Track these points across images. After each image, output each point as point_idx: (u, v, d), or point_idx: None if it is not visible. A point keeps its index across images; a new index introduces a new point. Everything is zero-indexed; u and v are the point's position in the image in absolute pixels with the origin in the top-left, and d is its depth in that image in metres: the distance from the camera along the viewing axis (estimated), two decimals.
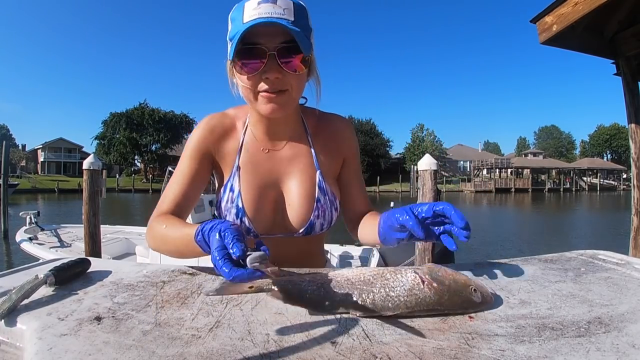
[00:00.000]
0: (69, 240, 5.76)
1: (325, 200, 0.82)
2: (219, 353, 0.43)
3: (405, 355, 0.42)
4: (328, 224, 0.84)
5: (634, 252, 2.93)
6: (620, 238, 9.35)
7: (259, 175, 0.81)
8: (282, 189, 0.83)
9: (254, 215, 0.80)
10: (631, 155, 2.96)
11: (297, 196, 0.81)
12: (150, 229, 0.75)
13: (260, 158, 0.82)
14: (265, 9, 0.66)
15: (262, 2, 0.67)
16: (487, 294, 0.56)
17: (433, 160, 3.86)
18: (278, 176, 0.82)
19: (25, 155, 51.40)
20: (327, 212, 0.83)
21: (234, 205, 0.80)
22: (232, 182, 0.81)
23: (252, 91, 0.72)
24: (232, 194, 0.80)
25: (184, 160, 0.81)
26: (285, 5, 0.68)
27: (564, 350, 0.43)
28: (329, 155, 0.86)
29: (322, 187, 0.82)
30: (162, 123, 42.18)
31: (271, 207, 0.82)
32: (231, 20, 0.71)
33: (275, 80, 0.69)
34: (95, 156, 4.61)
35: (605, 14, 2.66)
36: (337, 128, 0.88)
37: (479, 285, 0.57)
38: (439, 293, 0.54)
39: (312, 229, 0.82)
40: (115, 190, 35.89)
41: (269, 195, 0.82)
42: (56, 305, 0.55)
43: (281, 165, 0.82)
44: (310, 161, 0.83)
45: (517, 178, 47.56)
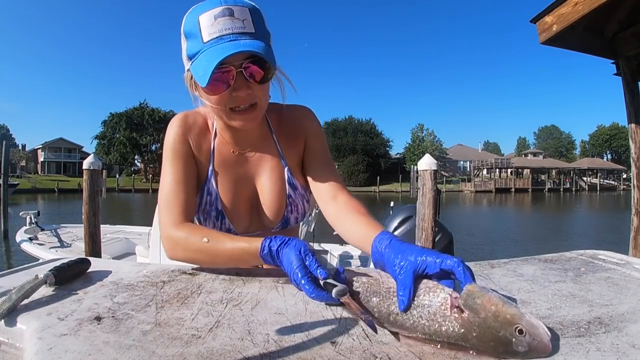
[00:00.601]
0: (69, 240, 5.76)
1: (296, 195, 0.86)
2: (219, 353, 0.43)
3: (405, 355, 0.42)
4: (302, 216, 0.88)
5: (634, 252, 2.93)
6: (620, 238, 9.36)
7: (233, 178, 0.83)
8: (256, 189, 0.86)
9: (233, 216, 0.83)
10: (631, 155, 2.96)
11: (269, 195, 0.85)
12: (173, 238, 0.72)
13: (232, 160, 0.84)
14: (225, 25, 0.63)
15: (219, 15, 0.63)
16: (539, 341, 0.41)
17: (433, 160, 3.85)
18: (250, 177, 0.85)
19: (25, 155, 51.41)
20: (299, 206, 0.87)
21: (213, 208, 0.82)
22: (208, 185, 0.82)
23: (223, 109, 0.71)
24: (210, 197, 0.82)
25: (174, 164, 0.78)
26: (243, 16, 0.64)
27: (564, 350, 0.43)
28: (294, 149, 0.87)
29: (291, 183, 0.86)
30: (162, 123, 42.14)
31: (247, 207, 0.85)
32: (186, 35, 0.67)
33: (246, 96, 0.69)
34: (95, 156, 4.60)
35: (605, 14, 2.66)
36: (295, 119, 0.88)
37: (531, 325, 0.41)
38: (466, 326, 0.44)
39: (288, 223, 0.87)
40: (115, 190, 35.92)
41: (244, 196, 0.84)
42: (56, 305, 0.55)
43: (252, 166, 0.85)
44: (277, 159, 0.86)
45: (517, 178, 47.58)
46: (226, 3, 0.64)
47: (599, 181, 48.83)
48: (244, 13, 0.65)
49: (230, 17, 0.63)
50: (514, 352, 0.41)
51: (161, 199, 0.76)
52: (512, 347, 0.41)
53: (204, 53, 0.64)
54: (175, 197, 0.75)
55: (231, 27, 0.63)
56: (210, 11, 0.64)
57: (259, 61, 0.66)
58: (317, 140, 0.88)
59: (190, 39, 0.66)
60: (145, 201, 25.61)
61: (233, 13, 0.64)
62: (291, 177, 0.86)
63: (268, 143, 0.85)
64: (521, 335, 0.41)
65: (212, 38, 0.63)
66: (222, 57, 0.61)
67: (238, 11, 0.64)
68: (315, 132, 0.88)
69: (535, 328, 0.41)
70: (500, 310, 0.43)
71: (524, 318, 0.42)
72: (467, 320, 0.44)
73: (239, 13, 0.64)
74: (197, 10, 0.66)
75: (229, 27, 0.63)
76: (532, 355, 0.41)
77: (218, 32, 0.63)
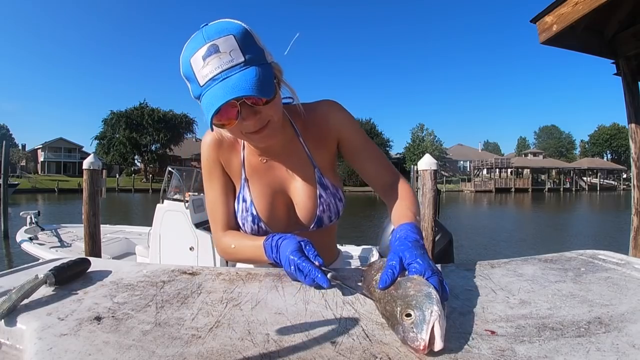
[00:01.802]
0: (69, 240, 5.77)
1: (327, 194, 0.87)
2: (219, 353, 0.43)
3: (405, 355, 0.42)
4: (335, 215, 0.89)
5: (634, 252, 2.93)
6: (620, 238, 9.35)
7: (265, 184, 0.86)
8: (288, 193, 0.88)
9: (268, 219, 0.86)
10: (631, 155, 2.96)
11: (300, 196, 0.86)
12: (220, 246, 0.86)
13: (262, 168, 0.87)
14: (214, 64, 0.64)
15: (206, 56, 0.64)
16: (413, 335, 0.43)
17: (433, 160, 3.86)
18: (281, 181, 0.87)
19: (25, 155, 51.41)
20: (331, 205, 0.87)
21: (249, 214, 0.86)
22: (243, 193, 0.86)
23: (239, 135, 0.74)
24: (245, 204, 0.86)
25: (209, 179, 0.87)
26: (229, 48, 0.64)
27: (564, 350, 0.43)
28: (322, 148, 0.87)
29: (322, 183, 0.86)
30: (162, 123, 42.16)
31: (281, 210, 0.87)
32: (186, 78, 0.69)
33: (256, 122, 0.69)
34: (95, 156, 4.60)
35: (605, 14, 2.66)
36: (321, 116, 0.87)
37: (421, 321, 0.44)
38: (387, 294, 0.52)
39: (321, 222, 0.88)
40: (115, 190, 35.91)
41: (277, 200, 0.87)
42: (56, 305, 0.55)
43: (282, 171, 0.87)
44: (306, 160, 0.87)
45: (517, 178, 47.56)
46: (210, 39, 0.64)
47: (599, 181, 48.82)
48: (228, 44, 0.65)
49: (217, 53, 0.64)
50: (394, 328, 0.47)
51: (208, 214, 0.89)
52: (397, 324, 0.46)
53: (203, 97, 0.66)
54: (216, 211, 0.87)
55: (219, 64, 0.64)
56: (198, 52, 0.65)
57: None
58: (350, 130, 0.87)
59: (190, 82, 0.69)
60: (145, 201, 25.60)
61: (218, 48, 0.64)
62: (321, 177, 0.87)
63: (295, 146, 0.86)
64: (408, 319, 0.45)
65: (206, 82, 0.65)
66: (213, 109, 0.63)
67: (222, 44, 0.64)
68: (345, 122, 0.87)
69: (421, 326, 0.43)
70: (412, 295, 0.49)
71: (424, 311, 0.45)
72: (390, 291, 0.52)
73: (224, 46, 0.64)
74: (187, 53, 0.67)
75: (218, 66, 0.64)
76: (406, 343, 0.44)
77: (210, 73, 0.64)
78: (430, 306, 0.46)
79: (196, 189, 5.73)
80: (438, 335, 0.43)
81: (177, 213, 4.65)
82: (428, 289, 0.49)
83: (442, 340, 0.43)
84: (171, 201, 4.80)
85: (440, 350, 0.43)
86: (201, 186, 5.96)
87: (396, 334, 0.46)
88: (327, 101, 0.88)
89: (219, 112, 0.65)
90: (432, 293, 0.48)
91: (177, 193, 4.99)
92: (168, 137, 42.64)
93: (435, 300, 0.47)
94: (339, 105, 0.88)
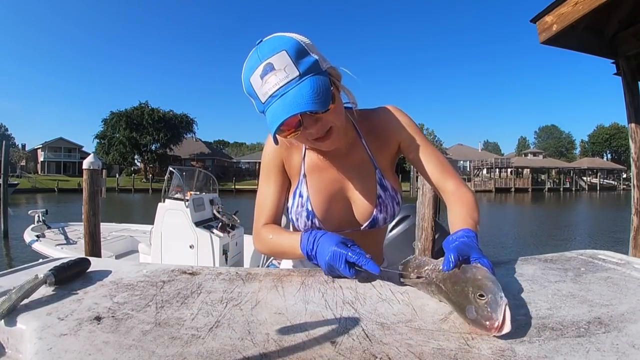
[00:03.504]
0: (75, 238, 5.80)
1: (386, 196, 0.88)
2: (219, 353, 0.43)
3: (405, 355, 0.42)
4: (390, 218, 0.90)
5: (634, 252, 2.93)
6: (620, 238, 9.35)
7: (324, 181, 0.88)
8: (346, 191, 0.89)
9: (323, 216, 0.87)
10: (631, 155, 2.95)
11: (360, 196, 0.88)
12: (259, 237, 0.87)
13: (323, 165, 0.88)
14: (272, 82, 0.67)
15: (263, 74, 0.68)
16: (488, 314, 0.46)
17: None
18: (341, 180, 0.88)
19: (25, 154, 51.35)
20: (389, 207, 0.88)
21: (304, 209, 0.87)
22: (300, 188, 0.88)
23: (305, 142, 0.78)
24: (301, 199, 0.87)
25: (266, 175, 0.90)
26: (283, 64, 0.67)
27: (564, 350, 0.43)
28: (384, 151, 0.90)
29: (382, 184, 0.88)
30: (162, 123, 42.12)
31: (337, 208, 0.88)
32: (249, 94, 0.73)
33: (318, 130, 0.73)
34: (95, 156, 4.60)
35: (605, 13, 2.65)
36: (382, 120, 0.90)
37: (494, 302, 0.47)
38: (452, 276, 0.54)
39: (376, 222, 0.89)
40: (115, 190, 35.90)
41: (334, 198, 0.88)
42: (56, 305, 0.55)
43: (343, 170, 0.88)
44: (369, 162, 0.89)
45: (517, 178, 47.52)
46: (264, 57, 0.68)
47: (598, 181, 48.80)
48: (282, 60, 0.68)
49: (273, 71, 0.67)
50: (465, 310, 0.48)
51: (256, 206, 0.90)
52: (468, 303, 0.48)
53: (266, 113, 0.70)
54: (264, 205, 0.89)
55: (276, 82, 0.67)
56: (255, 72, 0.69)
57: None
58: (411, 133, 0.88)
59: (254, 99, 0.73)
60: (145, 201, 25.59)
61: (273, 66, 0.67)
62: (382, 178, 0.88)
63: (358, 148, 0.89)
64: (481, 299, 0.47)
65: (266, 99, 0.69)
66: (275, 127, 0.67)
67: (276, 61, 0.67)
68: (405, 126, 0.88)
69: (494, 307, 0.46)
70: (481, 279, 0.51)
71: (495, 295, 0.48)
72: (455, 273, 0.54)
73: (278, 63, 0.67)
74: (247, 73, 0.71)
75: (275, 83, 0.67)
76: (476, 325, 0.47)
77: (268, 91, 0.68)
78: (499, 291, 0.48)
79: (198, 188, 5.75)
80: (508, 318, 0.45)
81: (178, 212, 4.69)
82: (493, 276, 0.52)
83: (510, 324, 0.45)
84: (172, 200, 4.83)
85: (440, 350, 0.43)
86: (202, 185, 5.99)
87: (466, 314, 0.48)
88: (387, 107, 0.91)
89: (283, 126, 0.69)
90: (497, 282, 0.51)
91: (178, 192, 5.01)
92: (168, 137, 42.63)
93: (501, 288, 0.49)
94: (399, 109, 0.91)
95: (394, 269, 0.69)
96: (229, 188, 37.40)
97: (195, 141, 52.02)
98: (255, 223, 0.89)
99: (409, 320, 0.51)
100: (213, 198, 5.49)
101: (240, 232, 5.18)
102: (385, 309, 0.55)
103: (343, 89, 0.79)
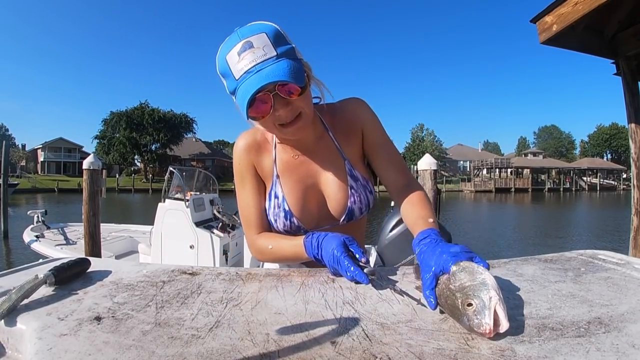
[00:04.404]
0: (75, 239, 5.79)
1: (357, 185, 0.89)
2: (219, 353, 0.43)
3: (405, 355, 0.42)
4: (366, 207, 0.91)
5: (634, 252, 2.93)
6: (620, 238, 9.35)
7: (296, 179, 0.89)
8: (319, 186, 0.90)
9: (301, 214, 0.88)
10: (631, 155, 2.96)
11: (332, 188, 0.89)
12: (255, 247, 0.88)
13: (294, 164, 0.89)
14: (248, 59, 0.69)
15: (241, 51, 0.69)
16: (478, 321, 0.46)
17: (433, 160, 3.85)
18: (313, 175, 0.90)
19: (25, 155, 51.35)
20: (362, 196, 0.89)
21: (281, 210, 0.87)
22: (275, 190, 0.89)
23: (273, 127, 0.77)
24: (277, 200, 0.88)
25: (241, 182, 0.90)
26: (262, 44, 0.69)
27: (564, 350, 0.43)
28: (351, 142, 0.91)
29: (352, 175, 0.89)
30: (162, 123, 42.11)
31: (313, 204, 0.89)
32: (221, 75, 0.75)
33: (288, 113, 0.73)
34: (95, 156, 4.61)
35: (605, 13, 2.66)
36: (348, 112, 0.91)
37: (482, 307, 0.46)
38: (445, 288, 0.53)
39: (352, 214, 0.90)
40: (115, 190, 35.90)
41: (309, 195, 0.89)
42: (56, 305, 0.55)
43: (313, 166, 0.90)
44: (337, 154, 0.90)
45: (517, 178, 47.52)
46: (244, 36, 0.70)
47: (598, 181, 48.78)
48: (261, 40, 0.70)
49: (251, 49, 0.69)
50: (459, 319, 0.49)
51: (241, 217, 0.91)
52: (460, 314, 0.48)
53: (238, 90, 0.71)
54: (249, 214, 0.89)
55: (253, 58, 0.69)
56: (233, 49, 0.70)
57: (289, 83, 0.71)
58: (374, 129, 0.91)
59: (226, 78, 0.74)
60: (145, 201, 25.59)
61: (252, 45, 0.69)
62: (352, 168, 0.89)
63: (325, 141, 0.90)
64: (469, 308, 0.47)
65: (241, 75, 0.70)
66: (249, 96, 0.67)
67: (256, 40, 0.70)
68: (370, 121, 0.91)
69: (484, 312, 0.46)
70: (468, 285, 0.50)
71: (483, 299, 0.47)
72: (448, 286, 0.53)
73: (257, 42, 0.69)
74: (223, 51, 0.72)
75: (252, 60, 0.69)
76: (473, 331, 0.46)
77: (244, 67, 0.69)
78: (488, 292, 0.48)
79: (198, 189, 5.75)
80: (501, 317, 0.46)
81: (178, 212, 4.68)
82: (481, 276, 0.51)
83: (507, 321, 0.45)
84: (172, 200, 4.83)
85: (440, 350, 0.43)
86: (202, 185, 5.98)
87: (462, 325, 0.48)
88: (355, 98, 0.93)
89: (254, 106, 0.70)
90: (486, 279, 0.50)
91: (179, 192, 5.01)
92: (168, 137, 42.62)
93: (490, 286, 0.49)
94: (365, 102, 0.93)
95: (395, 269, 0.69)
96: (229, 188, 37.13)
97: (195, 141, 52.04)
98: (246, 234, 0.90)
99: (409, 320, 0.51)
100: (213, 198, 5.49)
101: (241, 232, 5.18)
102: (385, 309, 0.55)
103: (314, 80, 0.80)
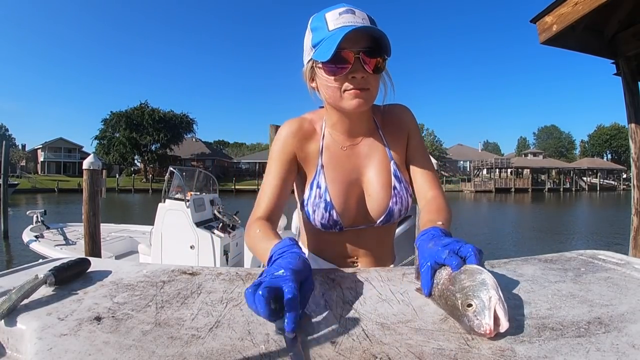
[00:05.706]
0: (74, 239, 5.79)
1: (401, 187, 0.90)
2: (219, 353, 0.43)
3: (405, 355, 0.42)
4: (405, 210, 0.91)
5: (634, 252, 2.93)
6: (620, 238, 9.34)
7: (341, 172, 0.89)
8: (363, 182, 0.90)
9: (341, 208, 0.87)
10: (631, 155, 2.95)
11: (376, 186, 0.89)
12: (248, 231, 0.82)
13: (341, 156, 0.89)
14: (347, 19, 0.74)
15: (343, 13, 0.75)
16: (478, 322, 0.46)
17: (433, 160, 3.85)
18: (358, 170, 0.90)
19: (25, 155, 51.34)
20: (403, 198, 0.90)
21: (322, 200, 0.86)
22: (318, 179, 0.88)
23: (339, 89, 0.78)
24: (319, 190, 0.87)
25: (272, 165, 0.88)
26: (362, 16, 0.76)
27: (564, 350, 0.43)
28: (399, 144, 0.93)
29: (397, 176, 0.90)
30: (162, 123, 42.07)
31: (355, 199, 0.89)
32: (312, 30, 0.79)
33: (361, 80, 0.76)
34: (95, 156, 4.61)
35: (605, 14, 2.65)
36: (396, 115, 0.94)
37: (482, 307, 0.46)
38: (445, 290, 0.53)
39: (392, 215, 0.90)
40: (115, 190, 35.89)
41: (352, 189, 0.89)
42: (56, 305, 0.55)
43: (360, 160, 0.90)
44: (385, 153, 0.91)
45: (517, 178, 47.50)
46: (349, 5, 0.77)
47: (598, 181, 48.76)
48: (363, 15, 0.77)
49: (352, 14, 0.75)
50: (459, 320, 0.49)
51: (259, 194, 0.88)
52: (460, 315, 0.48)
53: (328, 38, 0.74)
54: (264, 197, 0.86)
55: (353, 20, 0.75)
56: (335, 9, 0.76)
57: (375, 51, 0.76)
58: (417, 136, 0.95)
59: (316, 31, 0.78)
60: (145, 201, 25.58)
61: (354, 12, 0.76)
62: (397, 169, 0.90)
63: (375, 138, 0.92)
64: (469, 308, 0.47)
65: (337, 27, 0.74)
66: (347, 31, 0.71)
67: (359, 12, 0.77)
68: (415, 128, 0.95)
69: (483, 312, 0.46)
70: (468, 286, 0.50)
71: (482, 298, 0.47)
72: (447, 287, 0.53)
73: (359, 13, 0.76)
74: (324, 11, 0.78)
75: (351, 21, 0.74)
76: (474, 331, 0.46)
77: (342, 23, 0.74)
78: (487, 292, 0.48)
79: (198, 189, 5.75)
80: (502, 316, 0.45)
81: (178, 212, 4.68)
82: (481, 276, 0.51)
83: (507, 321, 0.45)
84: (172, 200, 4.83)
85: (440, 350, 0.43)
86: (202, 186, 5.98)
87: (463, 326, 0.48)
88: (403, 105, 0.96)
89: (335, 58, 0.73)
90: (486, 279, 0.50)
91: (179, 192, 5.01)
92: (168, 137, 42.56)
93: (490, 286, 0.49)
94: (411, 111, 0.96)
95: (395, 269, 0.69)
96: (229, 188, 37.38)
97: (195, 141, 52.00)
98: (252, 212, 0.85)
99: (409, 320, 0.51)
100: (213, 198, 5.49)
101: (241, 232, 5.18)
102: (385, 309, 0.55)
103: (386, 73, 0.84)
